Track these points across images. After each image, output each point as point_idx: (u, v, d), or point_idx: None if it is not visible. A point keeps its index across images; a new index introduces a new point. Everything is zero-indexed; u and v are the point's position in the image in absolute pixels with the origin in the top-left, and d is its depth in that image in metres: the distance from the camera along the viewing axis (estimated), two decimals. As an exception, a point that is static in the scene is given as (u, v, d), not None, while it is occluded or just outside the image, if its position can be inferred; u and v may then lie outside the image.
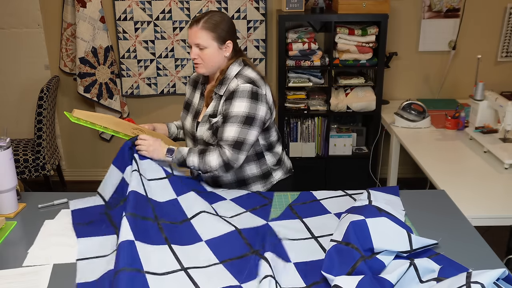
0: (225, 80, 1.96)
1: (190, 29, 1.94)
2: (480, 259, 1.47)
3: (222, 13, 1.99)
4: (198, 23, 1.91)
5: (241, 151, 1.89)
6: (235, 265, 1.47)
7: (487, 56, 3.73)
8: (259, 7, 3.65)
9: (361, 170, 3.69)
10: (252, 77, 1.94)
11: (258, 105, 1.90)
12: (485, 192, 2.27)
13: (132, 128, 1.99)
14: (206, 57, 1.94)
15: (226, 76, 1.97)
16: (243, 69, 1.98)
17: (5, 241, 1.61)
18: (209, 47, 1.92)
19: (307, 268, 1.46)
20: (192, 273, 1.42)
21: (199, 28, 1.91)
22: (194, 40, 1.92)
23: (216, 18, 1.93)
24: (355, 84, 3.56)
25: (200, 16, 1.93)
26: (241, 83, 1.90)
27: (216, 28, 1.92)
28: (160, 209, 1.69)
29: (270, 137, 2.06)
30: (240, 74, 1.95)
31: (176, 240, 1.56)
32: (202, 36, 1.91)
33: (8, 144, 1.70)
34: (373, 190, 1.80)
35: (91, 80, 3.70)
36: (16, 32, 3.76)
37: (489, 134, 2.77)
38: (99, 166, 4.15)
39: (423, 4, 3.67)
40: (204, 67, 1.97)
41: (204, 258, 1.50)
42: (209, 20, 1.91)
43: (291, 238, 1.61)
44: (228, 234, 1.61)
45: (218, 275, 1.42)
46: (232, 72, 1.97)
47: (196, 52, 1.94)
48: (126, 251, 1.42)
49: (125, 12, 3.68)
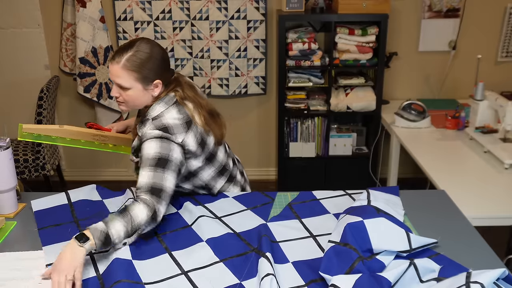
0: (145, 120, 1.71)
1: (111, 65, 1.66)
2: (480, 259, 1.47)
3: (150, 45, 1.69)
4: (119, 61, 1.64)
5: (160, 199, 1.59)
6: (235, 263, 1.48)
7: (487, 56, 3.73)
8: (259, 7, 3.65)
9: (361, 170, 3.69)
10: (168, 123, 1.67)
11: (170, 145, 1.65)
12: (485, 192, 2.27)
13: (92, 135, 1.86)
14: (129, 98, 1.70)
15: (147, 116, 1.71)
16: (165, 111, 1.69)
17: (5, 241, 1.61)
18: (132, 88, 1.67)
19: (305, 267, 1.47)
20: (192, 276, 1.43)
21: (120, 67, 1.64)
22: (115, 80, 1.66)
23: (141, 55, 1.65)
24: (355, 84, 3.56)
25: (123, 51, 1.65)
26: (149, 129, 1.66)
27: (141, 68, 1.65)
28: (162, 226, 1.68)
29: (203, 178, 1.84)
30: (158, 117, 1.68)
31: (177, 246, 1.57)
32: (123, 76, 1.65)
33: (8, 144, 1.70)
34: (372, 190, 1.80)
35: (91, 80, 3.70)
36: (16, 32, 3.76)
37: (489, 134, 2.77)
38: (99, 166, 4.15)
39: (423, 4, 3.67)
40: (126, 106, 1.74)
41: (205, 256, 1.51)
42: (132, 58, 1.63)
43: (289, 238, 1.61)
44: (227, 234, 1.62)
45: (219, 275, 1.43)
46: (153, 113, 1.70)
47: (117, 90, 1.69)
48: (123, 267, 1.42)
49: (125, 12, 3.68)
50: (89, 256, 1.48)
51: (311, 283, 1.39)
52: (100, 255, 1.50)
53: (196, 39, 3.72)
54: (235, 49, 3.74)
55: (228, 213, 1.76)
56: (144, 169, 1.62)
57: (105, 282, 1.39)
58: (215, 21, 3.67)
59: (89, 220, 1.70)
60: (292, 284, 1.39)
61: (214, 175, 1.86)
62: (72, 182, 4.07)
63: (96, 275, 1.43)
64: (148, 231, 1.58)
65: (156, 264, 1.48)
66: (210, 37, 3.71)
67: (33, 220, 1.72)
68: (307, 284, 1.39)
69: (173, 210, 1.78)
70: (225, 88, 3.81)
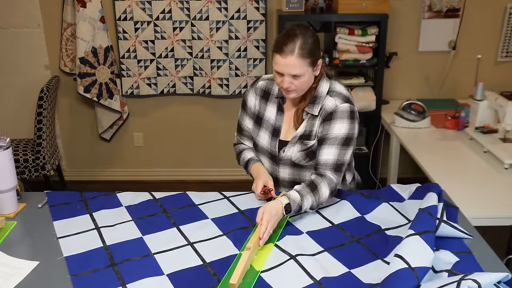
0: (318, 98, 1.83)
1: (284, 59, 1.71)
2: (480, 259, 1.47)
3: (308, 29, 1.77)
4: (292, 51, 1.69)
5: (341, 173, 1.81)
6: (237, 235, 1.62)
7: (487, 56, 3.73)
8: (259, 7, 3.65)
9: (361, 170, 3.66)
10: (346, 94, 1.83)
11: (355, 124, 1.81)
12: (485, 192, 2.27)
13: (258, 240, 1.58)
14: (301, 84, 1.76)
15: (318, 94, 1.83)
16: (331, 84, 1.85)
17: (5, 241, 1.61)
18: (305, 74, 1.74)
19: (320, 235, 1.62)
20: (197, 246, 1.57)
21: (295, 57, 1.70)
22: (291, 71, 1.71)
23: (309, 41, 1.72)
24: (355, 84, 3.56)
25: (290, 41, 1.70)
26: (339, 103, 1.79)
27: (312, 53, 1.73)
28: (172, 204, 1.86)
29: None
30: (332, 91, 1.83)
31: (184, 221, 1.72)
32: (299, 64, 1.71)
33: (8, 144, 1.70)
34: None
35: (91, 80, 3.70)
36: (16, 32, 3.76)
37: (489, 134, 2.77)
38: (99, 166, 4.15)
39: (423, 4, 3.67)
40: (297, 93, 1.80)
41: (209, 231, 1.66)
42: (304, 46, 1.70)
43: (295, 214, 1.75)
44: (232, 214, 1.77)
45: (222, 246, 1.57)
46: (323, 89, 1.83)
47: (289, 80, 1.74)
48: (133, 244, 1.58)
49: (125, 12, 3.67)
50: (96, 230, 1.66)
51: (329, 250, 1.54)
52: (106, 228, 1.67)
53: (196, 39, 3.72)
54: (235, 49, 3.74)
55: (236, 194, 1.91)
56: (331, 146, 1.78)
57: (113, 255, 1.52)
58: (215, 21, 3.67)
59: (96, 199, 1.87)
60: (311, 251, 1.53)
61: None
62: (72, 182, 4.07)
63: (103, 246, 1.57)
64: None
65: (165, 235, 1.64)
66: (210, 37, 3.71)
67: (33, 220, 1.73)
68: (327, 250, 1.54)
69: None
70: (225, 88, 3.81)
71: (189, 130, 4.02)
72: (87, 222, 1.71)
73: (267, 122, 1.94)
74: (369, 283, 1.39)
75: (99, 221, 1.72)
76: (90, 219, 1.73)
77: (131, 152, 4.09)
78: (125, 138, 4.05)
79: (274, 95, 1.94)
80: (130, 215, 1.76)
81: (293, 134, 1.89)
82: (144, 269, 1.45)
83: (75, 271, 1.44)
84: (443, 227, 1.54)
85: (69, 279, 1.41)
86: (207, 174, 4.14)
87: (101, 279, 1.41)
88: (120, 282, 1.39)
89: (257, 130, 1.98)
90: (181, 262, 1.49)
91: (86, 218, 1.74)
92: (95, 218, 1.74)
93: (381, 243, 1.57)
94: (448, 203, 1.76)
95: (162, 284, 1.39)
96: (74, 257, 1.51)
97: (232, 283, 1.34)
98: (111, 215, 1.76)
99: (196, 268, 1.46)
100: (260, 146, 1.97)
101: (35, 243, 1.60)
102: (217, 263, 1.48)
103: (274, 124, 1.93)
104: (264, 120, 1.95)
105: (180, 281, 1.40)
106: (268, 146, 1.94)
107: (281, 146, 1.91)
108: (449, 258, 1.41)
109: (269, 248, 1.55)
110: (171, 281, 1.40)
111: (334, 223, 1.70)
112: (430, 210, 1.54)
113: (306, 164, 1.90)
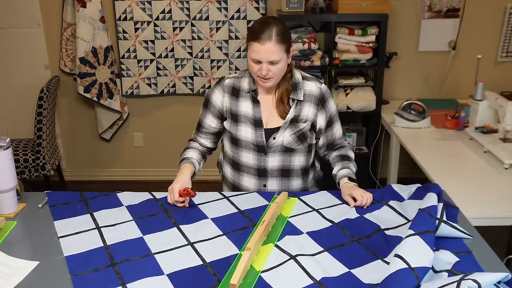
0: (298, 84, 1.95)
1: (262, 45, 1.77)
2: (480, 259, 1.47)
3: (278, 18, 1.87)
4: (270, 38, 1.77)
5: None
6: (238, 235, 1.62)
7: (487, 56, 3.73)
8: (259, 7, 3.65)
9: (361, 170, 3.64)
10: (314, 76, 2.03)
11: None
12: (485, 192, 2.27)
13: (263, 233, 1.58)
14: (278, 71, 1.84)
15: (296, 81, 1.95)
16: (297, 71, 1.99)
17: (5, 241, 1.61)
18: (281, 60, 1.82)
19: (320, 235, 1.62)
20: (198, 246, 1.57)
21: (273, 43, 1.77)
22: (269, 57, 1.79)
23: (284, 27, 1.82)
24: (355, 84, 3.56)
25: (266, 28, 1.79)
26: (319, 85, 1.97)
27: (288, 39, 1.83)
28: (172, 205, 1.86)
29: None
30: (304, 76, 1.99)
31: (184, 221, 1.72)
32: (277, 50, 1.79)
33: (8, 144, 1.70)
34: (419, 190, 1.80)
35: (91, 80, 3.70)
36: (16, 32, 3.76)
37: (489, 134, 2.77)
38: (99, 166, 4.15)
39: (423, 4, 3.67)
40: (274, 81, 1.88)
41: (209, 231, 1.66)
42: (280, 32, 1.79)
43: (295, 213, 1.76)
44: (232, 214, 1.77)
45: (222, 246, 1.57)
46: (298, 76, 1.97)
47: (267, 67, 1.81)
48: (134, 244, 1.58)
49: (125, 12, 3.68)
50: (96, 230, 1.66)
51: (328, 250, 1.53)
52: (107, 228, 1.67)
53: (196, 39, 3.72)
54: (235, 49, 3.74)
55: (236, 194, 1.93)
56: (336, 122, 2.04)
57: (113, 255, 1.52)
58: (215, 21, 3.67)
59: (97, 199, 1.87)
60: (310, 252, 1.53)
61: None
62: (72, 182, 4.07)
63: (103, 246, 1.57)
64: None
65: (164, 236, 1.64)
66: (210, 37, 3.71)
67: (33, 220, 1.73)
68: (327, 250, 1.54)
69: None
70: (225, 88, 3.81)
71: (189, 130, 3.99)
72: (87, 222, 1.71)
73: (245, 116, 1.97)
74: (369, 283, 1.39)
75: (100, 221, 1.72)
76: (91, 219, 1.73)
77: (131, 152, 4.09)
78: (125, 138, 4.05)
79: (244, 90, 1.98)
80: (131, 215, 1.76)
81: (277, 121, 1.96)
82: (144, 269, 1.45)
83: (75, 271, 1.44)
84: (443, 227, 1.54)
85: (70, 279, 1.41)
86: (207, 174, 4.14)
87: (101, 279, 1.41)
88: (120, 282, 1.39)
89: (235, 126, 1.99)
90: (181, 262, 1.49)
91: (86, 218, 1.74)
92: (96, 217, 1.74)
93: (381, 243, 1.57)
94: (448, 203, 1.76)
95: (162, 284, 1.39)
96: (74, 257, 1.51)
97: (232, 284, 1.34)
98: (111, 215, 1.76)
99: (196, 268, 1.46)
100: (243, 141, 1.99)
101: (35, 243, 1.60)
102: (217, 263, 1.48)
103: (254, 116, 1.96)
104: (240, 115, 1.98)
105: (180, 281, 1.40)
106: (253, 138, 1.97)
107: (268, 134, 1.96)
108: (449, 258, 1.41)
109: (269, 248, 1.55)
110: (171, 281, 1.40)
111: (334, 223, 1.70)
112: (430, 210, 1.54)
113: (297, 148, 1.99)
